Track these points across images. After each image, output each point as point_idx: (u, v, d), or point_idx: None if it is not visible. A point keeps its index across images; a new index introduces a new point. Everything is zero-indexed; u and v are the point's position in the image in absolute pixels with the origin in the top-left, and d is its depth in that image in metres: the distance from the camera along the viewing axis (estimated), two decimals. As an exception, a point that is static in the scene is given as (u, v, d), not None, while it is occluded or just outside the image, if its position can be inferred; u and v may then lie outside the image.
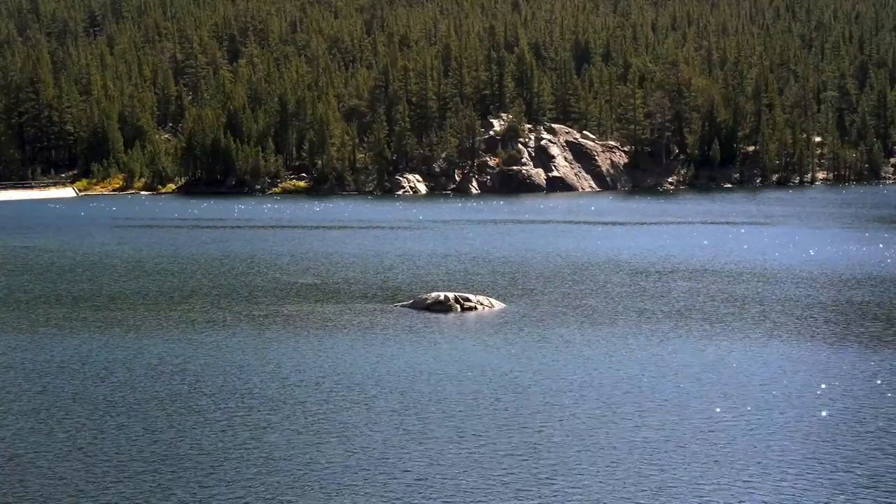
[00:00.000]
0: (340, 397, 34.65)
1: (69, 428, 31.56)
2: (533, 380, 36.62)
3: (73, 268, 69.17)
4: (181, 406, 33.77)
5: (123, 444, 29.90)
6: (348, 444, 29.60)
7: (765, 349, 41.55)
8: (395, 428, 31.09)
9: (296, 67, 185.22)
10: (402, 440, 29.95)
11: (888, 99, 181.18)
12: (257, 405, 33.74)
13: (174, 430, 31.06)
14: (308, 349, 42.19)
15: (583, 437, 30.03)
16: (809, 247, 76.45)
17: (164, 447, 29.53)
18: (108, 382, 36.96)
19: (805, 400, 33.84)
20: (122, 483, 26.78)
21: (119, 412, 33.17)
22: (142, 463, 28.25)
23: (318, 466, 27.86)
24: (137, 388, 36.06)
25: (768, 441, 29.53)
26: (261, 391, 35.51)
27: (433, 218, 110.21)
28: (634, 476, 26.84)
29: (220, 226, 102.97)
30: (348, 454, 28.80)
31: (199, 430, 31.05)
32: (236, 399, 34.54)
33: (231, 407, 33.58)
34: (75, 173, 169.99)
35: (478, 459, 28.22)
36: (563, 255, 74.04)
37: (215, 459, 28.45)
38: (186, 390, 35.82)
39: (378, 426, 31.30)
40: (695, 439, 29.79)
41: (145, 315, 50.35)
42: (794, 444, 29.29)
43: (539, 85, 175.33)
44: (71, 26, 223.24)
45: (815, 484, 26.32)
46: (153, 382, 36.84)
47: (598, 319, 48.23)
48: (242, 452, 28.98)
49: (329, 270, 66.47)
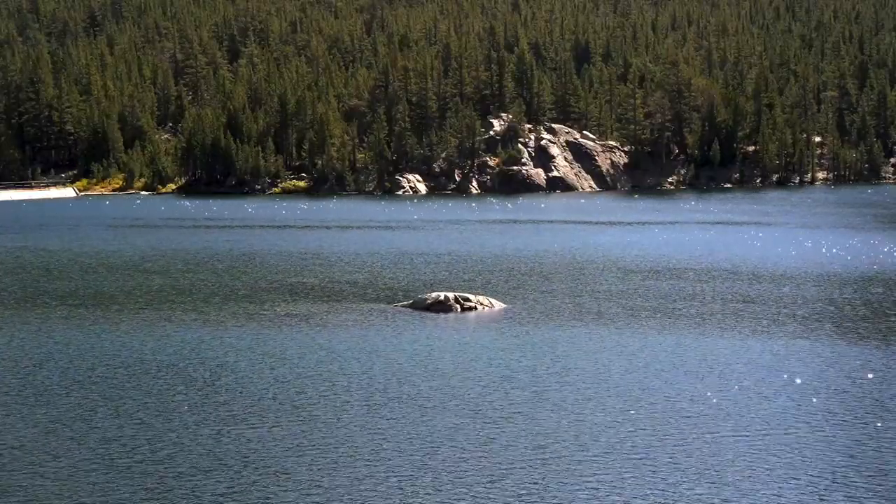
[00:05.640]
0: (340, 397, 34.61)
1: (58, 423, 31.52)
2: (534, 380, 36.59)
3: (84, 267, 69.16)
4: (175, 404, 33.71)
5: (115, 440, 29.85)
6: (348, 444, 29.56)
7: (789, 349, 41.51)
8: (395, 428, 31.05)
9: (296, 67, 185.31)
10: (402, 440, 29.91)
11: (888, 99, 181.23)
12: (256, 404, 33.68)
13: (173, 429, 31.01)
14: (306, 349, 42.14)
15: (585, 437, 30.00)
16: (829, 246, 76.52)
17: (163, 447, 29.48)
18: (102, 378, 36.90)
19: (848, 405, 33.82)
20: (116, 480, 26.75)
21: (110, 408, 33.11)
22: (136, 461, 28.20)
23: (318, 466, 27.82)
24: (130, 385, 35.98)
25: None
26: (259, 390, 35.46)
27: (433, 218, 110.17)
28: (639, 476, 26.81)
29: (220, 226, 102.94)
30: (348, 453, 28.76)
31: (195, 430, 30.99)
32: (234, 398, 34.47)
33: (228, 406, 33.52)
34: (75, 173, 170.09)
35: (478, 459, 28.19)
36: (563, 255, 74.01)
37: (204, 460, 28.40)
38: (182, 389, 35.75)
39: (378, 426, 31.26)
40: (704, 444, 29.74)
41: (144, 314, 50.28)
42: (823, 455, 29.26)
43: (539, 85, 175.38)
44: (71, 26, 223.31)
45: (815, 479, 26.34)
46: (146, 379, 36.75)
47: (599, 319, 48.19)
48: (238, 451, 28.93)
49: (328, 270, 66.42)
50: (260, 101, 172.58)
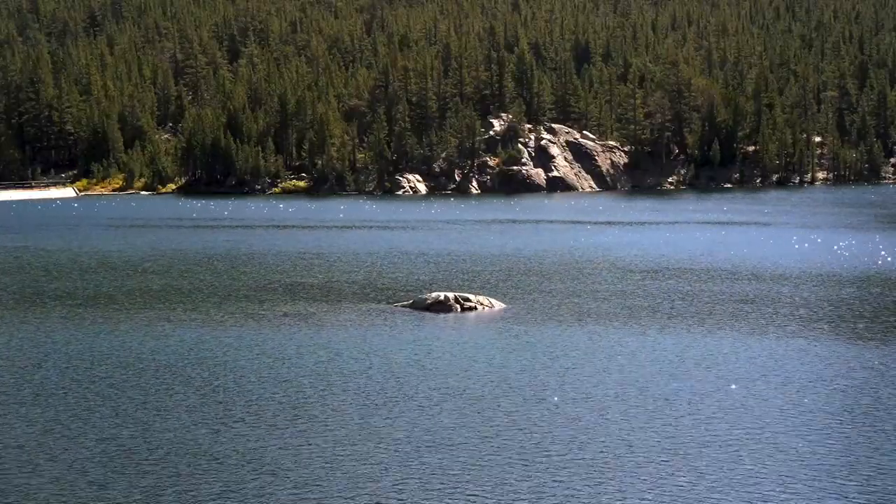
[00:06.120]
0: (340, 397, 34.59)
1: (56, 422, 31.51)
2: (533, 379, 36.57)
3: (83, 267, 69.15)
4: (174, 403, 33.69)
5: (112, 439, 29.84)
6: (347, 444, 29.55)
7: (790, 348, 41.50)
8: (394, 428, 31.04)
9: (296, 67, 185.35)
10: (402, 440, 29.90)
11: (888, 99, 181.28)
12: (255, 404, 33.67)
13: (170, 428, 30.99)
14: (305, 349, 42.12)
15: (584, 437, 29.98)
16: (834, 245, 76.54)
17: (162, 446, 29.46)
18: (100, 378, 36.89)
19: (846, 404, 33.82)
20: (114, 479, 26.74)
21: (109, 408, 33.10)
22: (134, 461, 28.18)
23: (318, 466, 27.81)
24: (128, 385, 35.95)
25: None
26: (258, 390, 35.44)
27: (433, 218, 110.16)
28: (638, 476, 26.80)
29: (220, 226, 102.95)
30: (347, 453, 28.75)
31: (194, 430, 30.98)
32: (233, 399, 34.45)
33: (227, 406, 33.50)
34: (75, 173, 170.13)
35: (478, 459, 28.16)
36: (563, 254, 74.00)
37: (203, 459, 28.38)
38: (181, 389, 35.74)
39: (377, 426, 31.25)
40: (703, 443, 29.73)
41: (143, 314, 50.27)
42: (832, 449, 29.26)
43: (539, 85, 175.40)
44: (71, 26, 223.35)
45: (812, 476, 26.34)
46: (145, 378, 36.73)
47: (598, 319, 48.17)
48: (236, 451, 28.92)
49: (328, 270, 66.41)
50: (260, 101, 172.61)
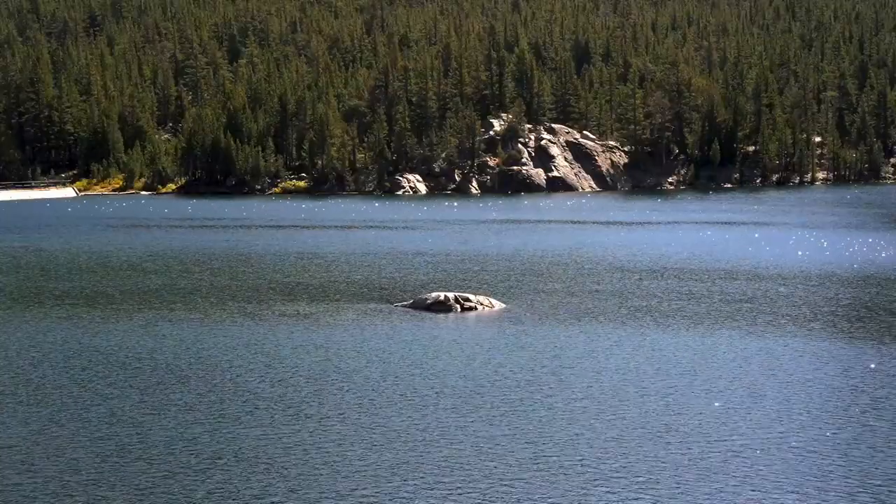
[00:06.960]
0: (339, 396, 34.59)
1: (53, 422, 31.51)
2: (533, 379, 36.57)
3: (83, 267, 69.15)
4: (172, 403, 33.68)
5: (110, 438, 29.83)
6: (346, 443, 29.55)
7: (784, 346, 41.49)
8: (394, 427, 31.04)
9: (296, 67, 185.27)
10: (401, 440, 29.90)
11: (888, 99, 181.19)
12: (254, 403, 33.66)
13: (169, 428, 30.99)
14: (305, 349, 42.12)
15: (583, 437, 29.99)
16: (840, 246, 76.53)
17: (159, 445, 29.45)
18: (98, 377, 36.87)
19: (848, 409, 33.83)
20: (111, 479, 26.73)
21: (106, 407, 33.08)
22: (131, 460, 28.17)
23: (317, 466, 27.80)
24: (126, 384, 35.92)
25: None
26: (257, 389, 35.43)
27: (433, 218, 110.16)
28: (637, 475, 26.80)
29: (221, 226, 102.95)
30: (347, 452, 28.75)
31: (192, 429, 30.97)
32: (232, 398, 34.44)
33: (225, 405, 33.49)
34: (75, 173, 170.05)
35: (477, 458, 28.16)
36: (563, 254, 74.01)
37: (201, 458, 28.38)
38: (180, 388, 35.72)
39: (377, 425, 31.26)
40: (701, 443, 29.76)
41: (142, 313, 50.27)
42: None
43: (539, 85, 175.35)
44: (71, 26, 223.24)
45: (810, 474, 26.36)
46: (143, 378, 36.70)
47: (598, 319, 48.18)
48: (235, 450, 28.91)
49: (328, 270, 66.42)
50: (260, 101, 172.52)
